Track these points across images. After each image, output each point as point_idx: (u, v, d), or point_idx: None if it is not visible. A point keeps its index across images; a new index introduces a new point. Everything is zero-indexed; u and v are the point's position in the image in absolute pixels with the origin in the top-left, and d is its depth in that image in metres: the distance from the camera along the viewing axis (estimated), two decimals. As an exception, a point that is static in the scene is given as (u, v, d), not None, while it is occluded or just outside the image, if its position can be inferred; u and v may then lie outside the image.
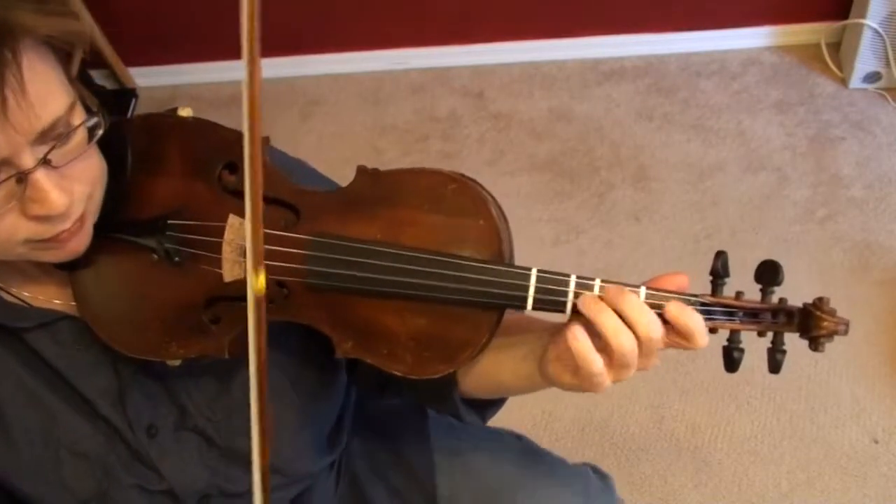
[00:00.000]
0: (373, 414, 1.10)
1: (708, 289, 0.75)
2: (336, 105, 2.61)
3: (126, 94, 2.64)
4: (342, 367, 0.98)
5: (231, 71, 2.64)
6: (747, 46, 2.60)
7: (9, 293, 0.82)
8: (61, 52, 0.69)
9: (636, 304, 0.71)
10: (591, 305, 0.72)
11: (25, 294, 0.83)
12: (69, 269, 0.80)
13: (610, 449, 1.79)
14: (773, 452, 1.76)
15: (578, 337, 0.72)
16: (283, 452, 0.91)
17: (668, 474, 1.75)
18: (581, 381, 0.75)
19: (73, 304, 0.81)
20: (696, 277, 0.79)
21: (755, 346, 0.79)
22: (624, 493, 1.72)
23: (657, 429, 1.82)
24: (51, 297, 0.84)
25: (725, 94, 2.49)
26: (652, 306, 0.72)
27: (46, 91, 0.67)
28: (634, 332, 0.71)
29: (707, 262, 0.75)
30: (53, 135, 0.68)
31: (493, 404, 0.97)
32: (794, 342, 0.75)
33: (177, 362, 0.82)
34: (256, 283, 0.61)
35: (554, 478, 1.05)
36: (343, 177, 0.92)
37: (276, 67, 2.63)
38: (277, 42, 2.56)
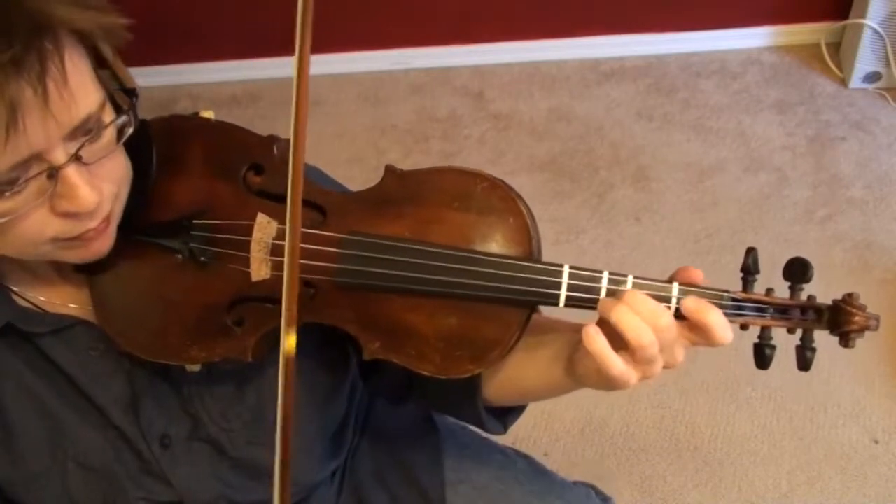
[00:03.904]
0: (382, 425, 1.09)
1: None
2: (336, 105, 2.61)
3: (126, 95, 2.63)
4: (352, 369, 0.98)
5: (232, 71, 2.64)
6: (747, 46, 2.60)
7: (23, 297, 0.81)
8: (91, 49, 0.70)
9: (638, 297, 0.70)
10: (604, 305, 0.72)
11: (41, 298, 0.82)
12: (88, 273, 0.79)
13: (610, 449, 1.79)
14: (773, 452, 1.76)
15: (594, 337, 0.71)
16: (295, 462, 0.91)
17: (668, 474, 1.75)
18: (606, 381, 0.74)
19: (90, 308, 0.80)
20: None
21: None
22: (624, 493, 1.72)
23: (657, 429, 1.82)
24: (66, 301, 0.83)
25: (725, 94, 2.49)
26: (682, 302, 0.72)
27: (83, 84, 0.67)
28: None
29: (707, 263, 0.75)
30: (85, 130, 0.68)
31: (514, 411, 0.96)
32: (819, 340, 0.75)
33: (196, 367, 0.81)
34: (286, 343, 0.60)
35: (559, 498, 1.05)
36: (344, 177, 0.93)
37: (275, 68, 2.63)
38: (277, 42, 2.56)
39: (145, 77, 2.70)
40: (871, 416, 1.79)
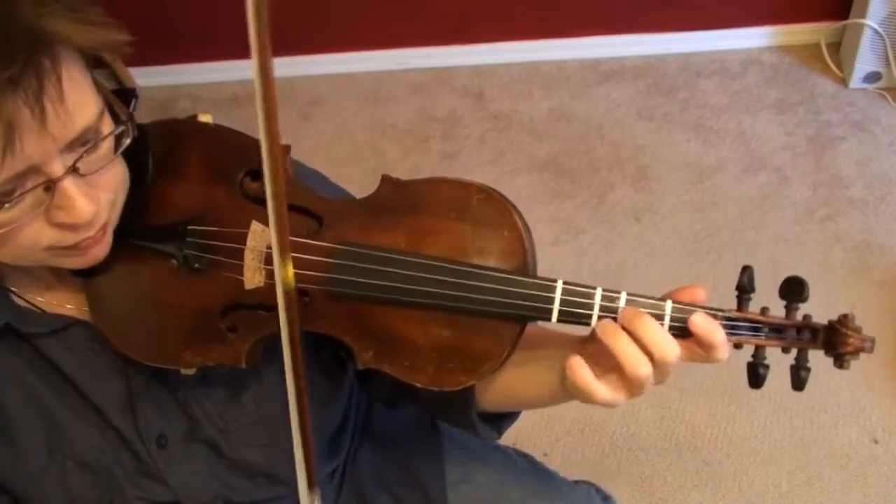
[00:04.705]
0: (383, 426, 1.09)
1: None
2: (336, 105, 2.61)
3: (126, 94, 2.63)
4: (348, 372, 0.98)
5: (231, 71, 2.64)
6: (747, 46, 2.60)
7: (22, 298, 0.81)
8: (90, 59, 0.69)
9: (653, 327, 0.70)
10: (608, 332, 0.72)
11: (39, 300, 0.82)
12: (85, 276, 0.80)
13: (610, 449, 1.79)
14: (773, 452, 1.76)
15: (578, 371, 0.72)
16: (289, 465, 0.91)
17: (668, 474, 1.75)
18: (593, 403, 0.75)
19: (86, 308, 0.80)
20: (697, 279, 0.78)
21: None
22: (624, 493, 1.72)
23: (657, 429, 1.82)
24: (63, 302, 0.83)
25: (725, 94, 2.49)
26: (676, 320, 0.72)
27: (81, 99, 0.67)
28: (650, 355, 0.71)
29: (707, 263, 0.75)
30: (82, 142, 0.68)
31: (509, 417, 0.96)
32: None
33: (191, 371, 0.81)
34: (286, 274, 0.59)
35: (560, 499, 1.05)
36: (343, 177, 0.93)
37: (276, 68, 2.62)
38: (277, 42, 2.55)
39: (145, 77, 2.70)
40: (871, 416, 1.79)
